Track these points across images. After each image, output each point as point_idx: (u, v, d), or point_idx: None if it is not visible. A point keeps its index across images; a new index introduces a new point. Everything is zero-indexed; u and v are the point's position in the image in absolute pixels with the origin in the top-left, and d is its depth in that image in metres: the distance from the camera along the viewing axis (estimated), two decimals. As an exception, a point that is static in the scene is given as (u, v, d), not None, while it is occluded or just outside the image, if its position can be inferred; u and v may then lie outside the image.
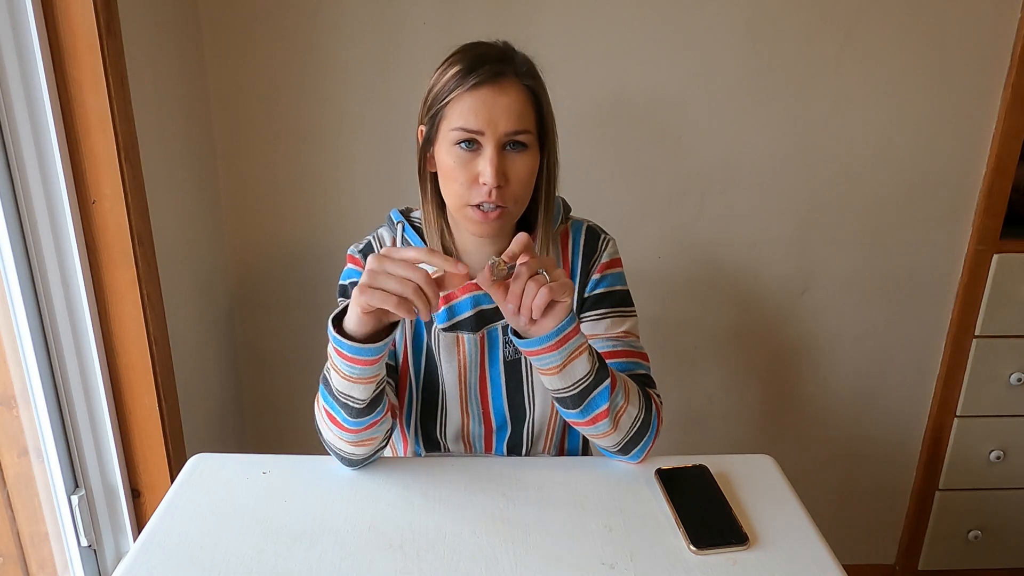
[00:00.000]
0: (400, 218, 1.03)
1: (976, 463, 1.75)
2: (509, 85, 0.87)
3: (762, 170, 1.54)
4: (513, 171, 0.89)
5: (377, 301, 0.75)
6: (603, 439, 0.92)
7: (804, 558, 0.81)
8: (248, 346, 1.63)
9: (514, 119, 0.87)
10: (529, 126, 0.89)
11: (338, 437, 0.89)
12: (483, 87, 0.86)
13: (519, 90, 0.88)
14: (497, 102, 0.86)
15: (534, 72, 0.91)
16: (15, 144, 1.00)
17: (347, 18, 1.41)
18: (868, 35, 1.45)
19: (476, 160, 0.88)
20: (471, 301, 1.00)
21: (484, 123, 0.86)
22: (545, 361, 0.84)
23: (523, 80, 0.88)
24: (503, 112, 0.86)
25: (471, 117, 0.86)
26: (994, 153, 1.52)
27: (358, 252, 1.02)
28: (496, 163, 0.87)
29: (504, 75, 0.87)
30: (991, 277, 1.60)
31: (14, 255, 1.02)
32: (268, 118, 1.47)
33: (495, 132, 0.86)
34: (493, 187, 0.87)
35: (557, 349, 0.83)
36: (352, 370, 0.81)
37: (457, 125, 0.87)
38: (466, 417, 1.04)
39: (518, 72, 0.88)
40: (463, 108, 0.87)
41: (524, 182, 0.90)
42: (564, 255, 1.02)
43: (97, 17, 1.00)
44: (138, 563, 0.80)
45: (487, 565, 0.80)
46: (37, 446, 1.12)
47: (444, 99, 0.88)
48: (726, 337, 1.68)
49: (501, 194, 0.88)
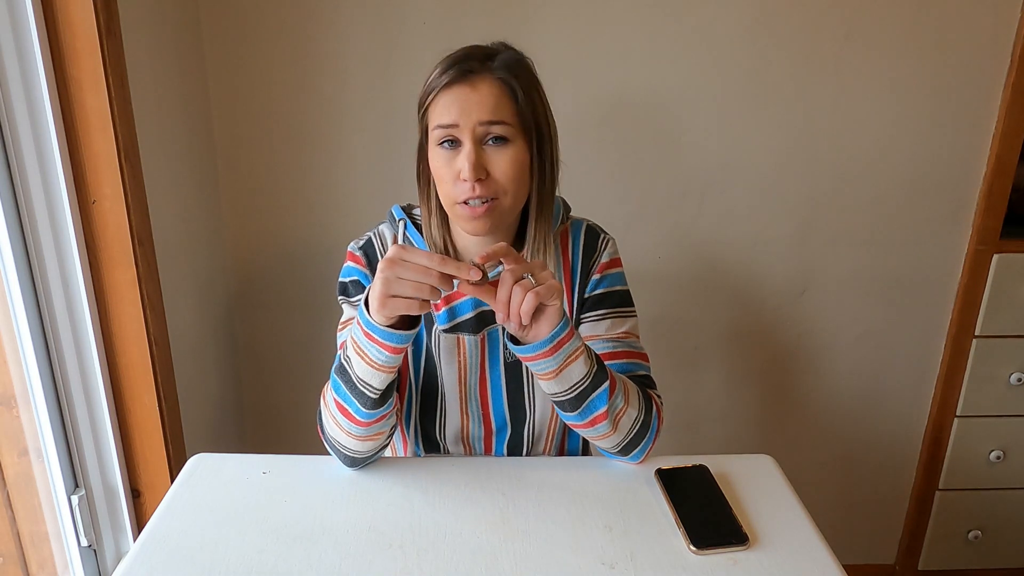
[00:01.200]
0: (402, 215, 1.02)
1: (976, 463, 1.75)
2: (481, 80, 0.88)
3: (762, 170, 1.54)
4: (494, 164, 0.89)
5: (401, 309, 0.78)
6: (603, 441, 0.92)
7: (804, 558, 0.81)
8: (248, 346, 1.63)
9: (487, 110, 0.88)
10: (505, 117, 0.89)
11: (346, 432, 0.89)
12: (455, 84, 0.88)
13: (492, 83, 0.89)
14: (469, 96, 0.88)
15: (515, 68, 0.91)
16: (15, 144, 1.00)
17: (347, 18, 1.41)
18: (868, 35, 1.45)
19: (457, 157, 0.89)
20: (472, 302, 1.00)
21: (457, 115, 0.88)
22: (541, 367, 0.85)
23: (496, 74, 0.89)
24: (475, 104, 0.88)
25: (444, 112, 0.88)
26: (994, 153, 1.52)
27: (358, 249, 1.01)
28: (473, 157, 0.88)
29: (475, 72, 0.88)
30: (991, 277, 1.60)
31: (14, 255, 1.02)
32: (268, 118, 1.47)
33: (469, 123, 0.88)
34: (473, 181, 0.88)
35: (552, 355, 0.83)
36: (379, 355, 0.82)
37: (435, 123, 0.89)
38: (466, 418, 1.04)
39: (492, 68, 0.89)
40: (438, 106, 0.89)
41: (509, 175, 0.90)
42: (564, 255, 1.02)
43: (97, 17, 1.00)
44: (138, 563, 0.80)
45: (487, 565, 0.80)
46: (37, 446, 1.12)
47: (426, 101, 0.91)
48: (726, 337, 1.68)
49: (484, 187, 0.89)
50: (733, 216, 1.57)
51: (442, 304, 1.00)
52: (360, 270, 1.01)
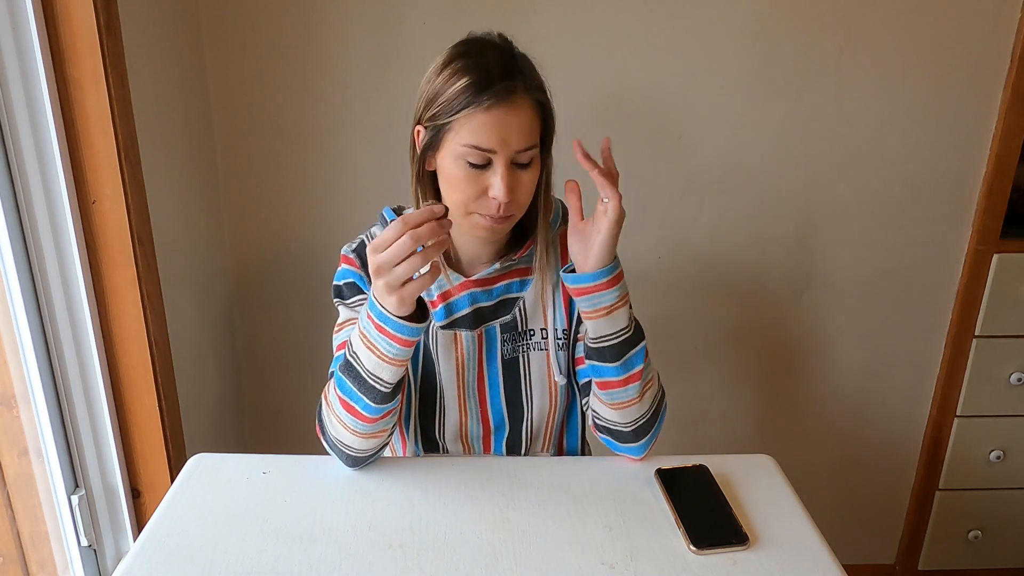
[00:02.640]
0: (393, 216, 1.03)
1: (976, 463, 1.75)
2: (520, 102, 0.87)
3: (762, 170, 1.54)
4: (519, 183, 0.90)
5: (417, 291, 0.80)
6: (625, 410, 0.93)
7: (804, 558, 0.81)
8: (248, 346, 1.63)
9: (525, 137, 0.88)
10: (535, 141, 0.90)
11: (351, 431, 0.89)
12: (496, 107, 0.86)
13: (529, 106, 0.88)
14: (509, 122, 0.87)
15: (538, 78, 0.91)
16: (15, 144, 1.00)
17: (347, 18, 1.41)
18: (868, 35, 1.45)
19: (485, 175, 0.89)
20: (468, 299, 1.00)
21: (497, 143, 0.87)
22: (596, 300, 0.87)
23: (532, 94, 0.88)
24: (514, 131, 0.87)
25: (483, 136, 0.86)
26: (994, 153, 1.52)
27: (351, 252, 1.02)
28: (508, 180, 0.88)
29: (515, 92, 0.87)
30: (991, 277, 1.60)
31: (14, 255, 1.02)
32: (268, 118, 1.47)
33: (507, 150, 0.87)
34: (504, 203, 0.89)
35: (611, 287, 0.87)
36: (391, 348, 0.83)
37: (469, 143, 0.87)
38: (464, 416, 1.04)
39: (527, 86, 0.88)
40: (475, 126, 0.86)
41: (528, 192, 0.92)
42: (564, 257, 1.03)
43: (97, 17, 1.00)
44: (138, 563, 0.80)
45: (487, 565, 0.80)
46: (37, 446, 1.12)
47: (454, 112, 0.87)
48: (726, 337, 1.68)
49: (508, 206, 0.90)
50: (733, 216, 1.57)
51: (439, 301, 1.00)
52: (354, 272, 1.01)
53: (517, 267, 1.02)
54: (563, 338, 1.02)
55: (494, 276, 1.01)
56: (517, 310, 1.01)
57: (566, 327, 1.02)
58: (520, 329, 1.02)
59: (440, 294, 1.00)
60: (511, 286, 1.01)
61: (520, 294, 1.01)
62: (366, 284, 1.00)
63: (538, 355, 1.02)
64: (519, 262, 1.01)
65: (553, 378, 1.02)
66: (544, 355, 1.02)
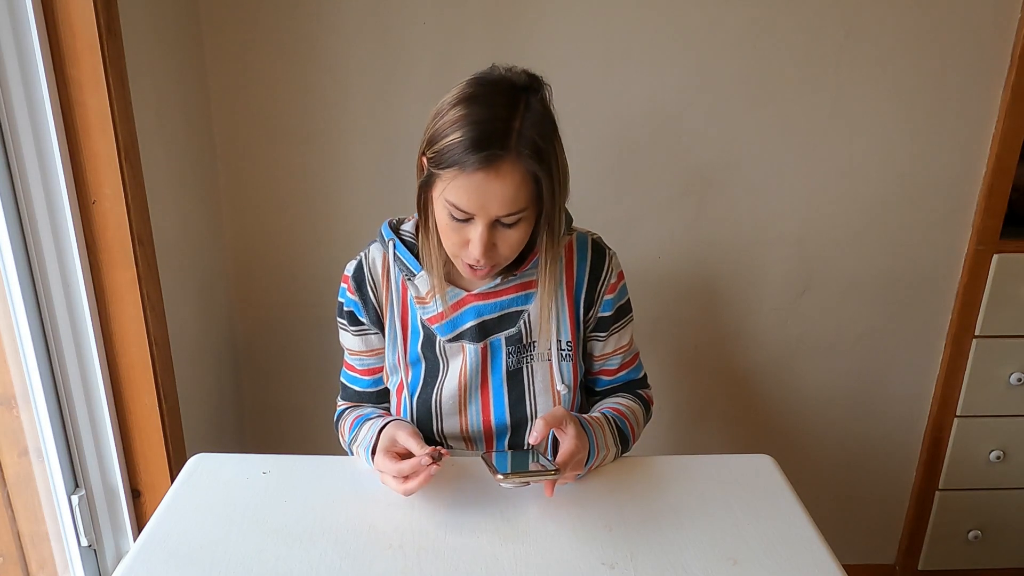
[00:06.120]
0: (391, 235, 1.03)
1: (976, 463, 1.75)
2: (508, 171, 0.84)
3: (762, 170, 1.54)
4: (503, 239, 0.90)
5: None
6: None
7: (804, 558, 0.81)
8: (248, 346, 1.63)
9: (508, 204, 0.86)
10: (522, 205, 0.87)
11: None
12: (481, 172, 0.83)
13: (518, 173, 0.85)
14: (492, 189, 0.85)
15: (541, 143, 0.86)
16: (15, 144, 1.00)
17: (347, 18, 1.41)
18: (868, 35, 1.45)
19: (467, 228, 0.89)
20: (474, 312, 1.00)
21: (476, 208, 0.86)
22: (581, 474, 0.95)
23: (524, 163, 0.84)
24: (497, 199, 0.85)
25: (464, 199, 0.86)
26: (994, 153, 1.52)
27: (351, 276, 1.05)
28: (485, 240, 0.88)
29: (504, 160, 0.83)
30: (991, 277, 1.60)
31: (14, 255, 1.02)
32: (268, 118, 1.47)
33: (486, 215, 0.87)
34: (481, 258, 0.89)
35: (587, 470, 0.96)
36: None
37: (451, 200, 0.87)
38: (465, 421, 1.04)
39: (520, 154, 0.84)
40: (457, 186, 0.85)
41: (513, 246, 0.92)
42: (568, 266, 1.03)
43: (97, 17, 1.00)
44: (138, 563, 0.80)
45: (487, 565, 0.80)
46: (37, 446, 1.12)
47: (443, 165, 0.85)
48: (726, 337, 1.68)
49: (489, 258, 0.91)
50: (733, 216, 1.57)
51: (444, 315, 1.00)
52: (352, 299, 1.04)
53: (520, 280, 1.01)
54: (567, 349, 1.02)
55: (497, 290, 1.01)
56: (522, 323, 1.02)
57: (570, 339, 1.02)
58: (525, 341, 1.02)
59: (445, 308, 1.00)
60: (515, 299, 1.01)
61: (525, 307, 1.01)
62: (362, 312, 1.04)
63: (542, 366, 1.03)
64: (522, 276, 1.01)
65: (556, 388, 1.03)
66: (548, 365, 1.02)
